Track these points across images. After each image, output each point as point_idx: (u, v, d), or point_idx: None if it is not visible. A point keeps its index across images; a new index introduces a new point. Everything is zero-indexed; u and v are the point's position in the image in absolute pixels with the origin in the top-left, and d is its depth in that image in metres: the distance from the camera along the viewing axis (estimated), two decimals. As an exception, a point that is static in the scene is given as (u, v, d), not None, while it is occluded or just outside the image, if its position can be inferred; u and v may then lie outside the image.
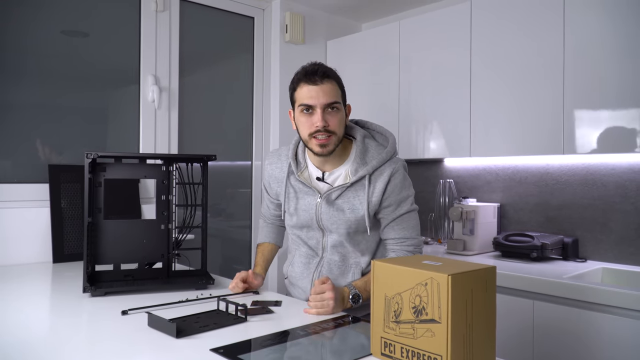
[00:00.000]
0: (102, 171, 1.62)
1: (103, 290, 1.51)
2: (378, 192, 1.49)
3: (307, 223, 1.56)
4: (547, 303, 1.89)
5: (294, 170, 1.57)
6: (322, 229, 1.55)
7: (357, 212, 1.49)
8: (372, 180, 1.50)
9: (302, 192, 1.56)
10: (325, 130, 1.45)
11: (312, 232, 1.57)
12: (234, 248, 3.01)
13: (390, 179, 1.49)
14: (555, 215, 2.47)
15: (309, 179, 1.56)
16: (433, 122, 2.65)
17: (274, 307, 1.40)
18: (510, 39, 2.33)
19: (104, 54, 2.45)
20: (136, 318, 1.27)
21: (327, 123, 1.45)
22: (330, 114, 1.46)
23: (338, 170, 1.54)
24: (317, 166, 1.56)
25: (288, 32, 3.00)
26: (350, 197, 1.50)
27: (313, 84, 1.45)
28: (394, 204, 1.50)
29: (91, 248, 1.58)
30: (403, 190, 1.51)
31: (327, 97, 1.45)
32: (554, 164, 2.48)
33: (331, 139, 1.46)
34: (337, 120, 1.47)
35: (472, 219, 2.51)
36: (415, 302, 0.94)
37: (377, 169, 1.50)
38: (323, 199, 1.52)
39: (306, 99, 1.46)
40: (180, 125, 2.66)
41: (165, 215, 1.71)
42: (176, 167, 1.72)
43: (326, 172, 1.54)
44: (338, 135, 1.48)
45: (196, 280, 1.63)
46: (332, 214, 1.51)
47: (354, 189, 1.50)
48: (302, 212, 1.55)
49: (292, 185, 1.58)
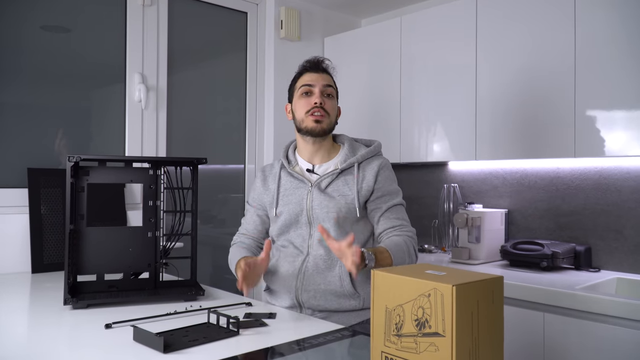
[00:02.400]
0: (85, 175, 1.62)
1: (85, 302, 1.50)
2: (369, 180, 1.62)
3: (295, 218, 1.64)
4: (558, 315, 1.89)
5: (285, 165, 1.71)
6: (310, 222, 1.63)
7: (347, 197, 1.61)
8: (361, 168, 1.65)
9: (292, 187, 1.68)
10: (322, 108, 1.64)
11: (299, 230, 1.65)
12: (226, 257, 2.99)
13: (380, 170, 1.65)
14: (566, 222, 2.47)
15: (301, 171, 1.70)
16: (436, 123, 2.66)
17: (268, 319, 1.40)
18: (518, 35, 2.34)
19: (87, 51, 2.45)
20: (121, 332, 1.27)
21: (323, 102, 1.65)
22: (326, 97, 1.67)
23: (327, 164, 1.70)
24: (307, 161, 1.71)
25: (283, 28, 3.00)
26: (340, 185, 1.63)
27: (315, 72, 1.69)
28: (387, 194, 1.64)
29: (73, 257, 1.58)
30: (394, 183, 1.68)
31: (326, 81, 1.68)
32: (565, 168, 2.49)
33: (325, 118, 1.65)
34: (332, 104, 1.68)
35: (478, 226, 2.51)
36: (417, 314, 0.94)
37: (366, 159, 1.67)
38: (314, 187, 1.64)
39: (307, 81, 1.67)
40: (169, 126, 2.66)
41: (153, 222, 1.71)
42: (164, 171, 1.72)
43: (316, 165, 1.70)
44: (330, 119, 1.67)
45: (185, 291, 1.63)
46: (322, 200, 1.62)
47: (343, 178, 1.64)
48: (292, 206, 1.65)
49: (283, 184, 1.70)
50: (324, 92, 1.66)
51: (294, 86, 1.72)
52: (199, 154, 1.76)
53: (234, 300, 1.60)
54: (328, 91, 1.67)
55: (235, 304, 1.55)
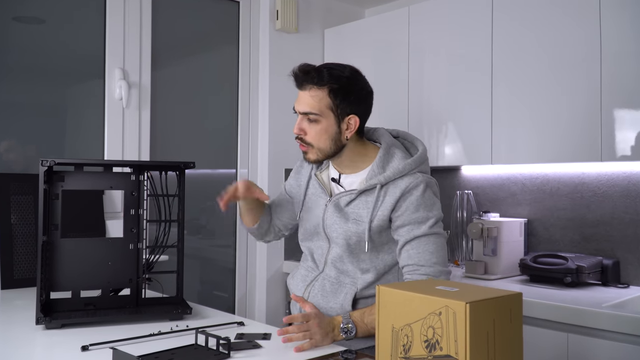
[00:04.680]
0: (59, 181, 1.62)
1: (60, 321, 1.49)
2: (387, 206, 1.52)
3: (314, 229, 1.65)
4: (583, 336, 1.88)
5: (314, 168, 1.70)
6: (327, 238, 1.62)
7: (360, 224, 1.55)
8: (384, 191, 1.54)
9: (315, 195, 1.68)
10: (301, 140, 1.57)
11: (320, 242, 1.66)
12: (215, 272, 3.00)
13: (404, 193, 1.51)
14: (592, 233, 2.47)
15: (326, 179, 1.68)
16: (448, 123, 2.66)
17: (262, 340, 1.40)
18: (539, 27, 2.35)
19: (63, 44, 2.45)
20: (99, 355, 1.26)
21: (303, 132, 1.56)
22: (308, 124, 1.55)
23: (356, 176, 1.62)
24: (336, 167, 1.66)
25: (279, 18, 3.01)
26: (360, 206, 1.57)
27: (300, 89, 1.57)
28: (409, 224, 1.51)
29: (46, 272, 1.58)
30: (421, 209, 1.51)
31: (304, 106, 1.54)
32: (590, 173, 2.49)
33: (310, 149, 1.58)
34: (315, 132, 1.55)
35: (495, 237, 2.51)
36: (427, 334, 0.94)
37: (393, 180, 1.53)
38: (331, 202, 1.61)
39: (295, 101, 1.59)
40: (153, 127, 2.66)
41: (135, 232, 1.70)
42: (148, 176, 1.72)
43: (343, 174, 1.64)
44: (318, 148, 1.56)
45: (170, 310, 1.62)
46: (335, 220, 1.59)
47: (365, 198, 1.56)
48: (312, 217, 1.66)
49: (310, 188, 1.70)
50: (304, 118, 1.55)
51: None
52: (186, 158, 1.75)
53: (224, 320, 1.60)
54: (308, 117, 1.54)
55: (225, 323, 1.55)
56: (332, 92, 1.52)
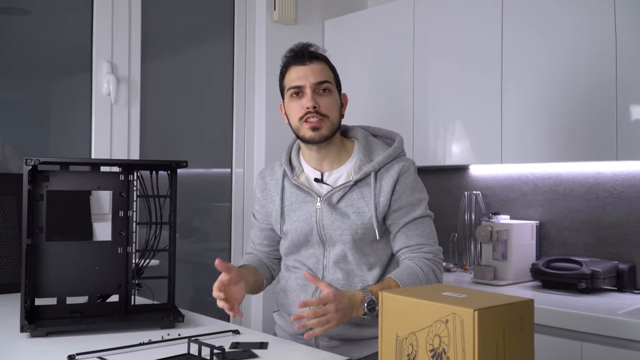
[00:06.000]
0: (44, 181, 1.62)
1: (45, 329, 1.49)
2: (386, 192, 1.58)
3: (305, 238, 1.63)
4: (598, 345, 1.89)
5: (288, 174, 1.67)
6: (323, 242, 1.62)
7: (363, 215, 1.58)
8: (379, 178, 1.60)
9: (298, 200, 1.65)
10: (316, 112, 1.58)
11: (310, 250, 1.64)
12: (209, 277, 2.98)
13: (399, 177, 1.60)
14: (607, 236, 2.47)
15: (307, 181, 1.66)
16: (455, 120, 2.67)
17: (259, 350, 1.40)
18: (550, 19, 2.35)
19: (47, 36, 2.45)
20: (86, 364, 1.26)
21: (317, 104, 1.58)
22: (321, 95, 1.60)
23: (338, 171, 1.65)
24: (315, 167, 1.67)
25: (276, 9, 3.01)
26: (354, 198, 1.60)
27: (301, 65, 1.61)
28: (405, 207, 1.60)
29: (30, 277, 1.58)
30: (415, 192, 1.62)
31: (316, 76, 1.60)
32: (606, 173, 2.49)
33: (324, 123, 1.59)
34: (329, 102, 1.61)
35: (505, 241, 2.51)
36: (433, 343, 0.94)
37: (384, 166, 1.61)
38: (324, 202, 1.60)
39: (295, 80, 1.61)
40: (143, 124, 2.66)
41: (124, 235, 1.70)
42: (137, 176, 1.72)
43: (325, 172, 1.65)
44: (332, 120, 1.60)
45: (161, 317, 1.62)
46: (334, 220, 1.59)
47: (358, 190, 1.60)
48: (300, 224, 1.62)
49: (287, 196, 1.67)
50: (317, 89, 1.60)
51: (282, 84, 1.68)
52: (178, 157, 1.75)
53: (218, 328, 1.60)
54: (322, 87, 1.60)
55: (220, 331, 1.55)
56: (329, 67, 1.66)
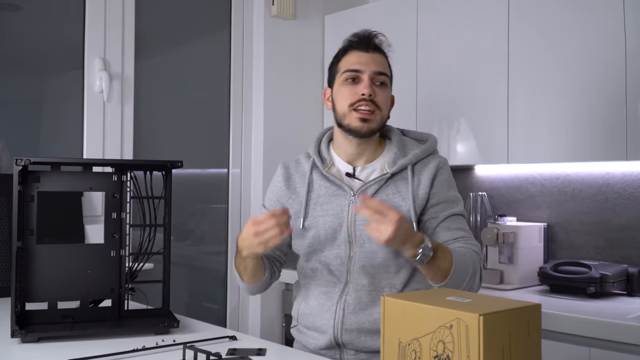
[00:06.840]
0: (35, 182, 1.62)
1: (36, 335, 1.49)
2: (425, 186, 1.58)
3: (332, 234, 1.59)
4: (606, 351, 1.89)
5: (318, 165, 1.65)
6: (350, 241, 1.57)
7: (399, 209, 1.49)
8: (416, 172, 1.59)
9: (328, 193, 1.62)
10: (371, 101, 1.56)
11: (335, 250, 1.59)
12: (205, 281, 3.00)
13: (437, 172, 1.61)
14: (617, 238, 2.47)
15: (339, 175, 1.64)
16: (460, 119, 2.67)
17: (257, 356, 1.40)
18: (558, 15, 2.35)
19: (39, 32, 2.45)
20: (78, 371, 1.26)
21: (374, 93, 1.57)
22: (378, 87, 1.60)
23: (372, 165, 1.64)
24: (347, 161, 1.65)
25: (275, 3, 3.01)
26: (389, 193, 1.58)
27: (364, 51, 1.62)
28: (444, 201, 1.59)
29: (21, 281, 1.58)
30: (451, 189, 1.63)
31: (378, 66, 1.60)
32: (616, 173, 2.49)
33: (376, 115, 1.58)
34: (385, 96, 1.61)
35: (511, 244, 2.51)
36: (437, 349, 0.94)
37: (421, 160, 1.62)
38: (357, 195, 1.57)
39: (354, 64, 1.60)
40: (137, 122, 2.66)
41: (117, 238, 1.70)
42: (131, 177, 1.72)
43: (357, 167, 1.63)
44: (383, 114, 1.61)
45: (156, 323, 1.62)
46: None
47: (393, 184, 1.59)
48: (329, 218, 1.59)
49: (315, 189, 1.64)
50: (375, 79, 1.59)
51: (336, 67, 1.66)
52: (173, 156, 1.75)
53: (215, 334, 1.60)
54: (380, 79, 1.60)
55: (216, 337, 1.55)
56: (389, 63, 1.67)
